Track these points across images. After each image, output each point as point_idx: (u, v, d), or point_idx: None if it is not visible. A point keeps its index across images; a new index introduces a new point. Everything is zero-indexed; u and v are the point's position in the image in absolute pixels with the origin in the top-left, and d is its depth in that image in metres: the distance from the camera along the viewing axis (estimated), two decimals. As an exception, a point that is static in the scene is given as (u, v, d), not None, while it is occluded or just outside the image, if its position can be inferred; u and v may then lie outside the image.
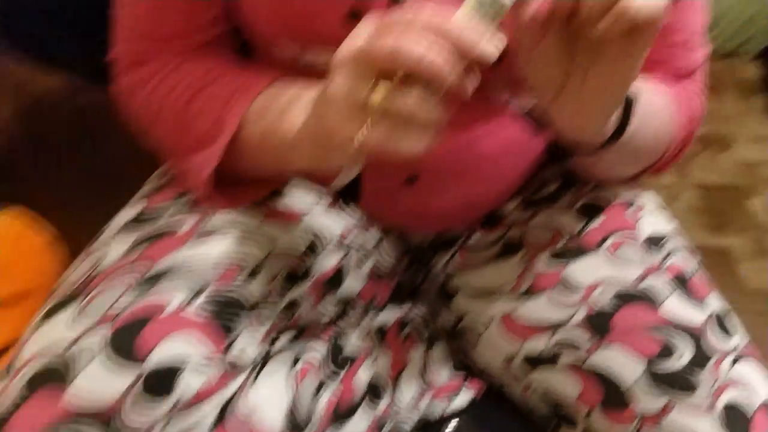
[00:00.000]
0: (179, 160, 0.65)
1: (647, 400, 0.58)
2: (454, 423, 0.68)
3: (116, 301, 0.54)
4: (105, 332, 0.52)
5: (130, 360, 0.51)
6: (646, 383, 0.59)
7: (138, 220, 0.64)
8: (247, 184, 0.64)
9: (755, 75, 2.60)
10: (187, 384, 0.52)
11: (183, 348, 0.53)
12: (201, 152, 0.61)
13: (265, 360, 0.60)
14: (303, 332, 0.65)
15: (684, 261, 0.67)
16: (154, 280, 0.56)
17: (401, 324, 0.73)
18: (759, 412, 0.57)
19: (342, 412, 0.63)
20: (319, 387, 0.62)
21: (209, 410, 0.53)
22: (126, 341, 0.52)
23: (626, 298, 0.63)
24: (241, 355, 0.56)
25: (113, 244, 0.61)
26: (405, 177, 0.67)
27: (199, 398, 0.52)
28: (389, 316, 0.73)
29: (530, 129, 0.68)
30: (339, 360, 0.66)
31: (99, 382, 0.50)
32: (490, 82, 0.64)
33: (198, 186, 0.61)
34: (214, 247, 0.60)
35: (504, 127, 0.66)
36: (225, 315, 0.56)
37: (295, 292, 0.64)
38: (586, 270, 0.66)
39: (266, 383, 0.58)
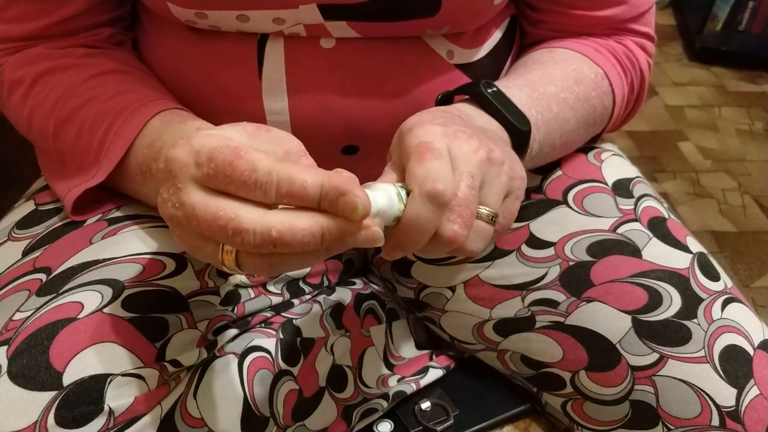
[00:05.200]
0: (47, 173, 0.59)
1: (638, 357, 0.53)
2: (428, 403, 0.63)
3: (17, 310, 0.46)
4: (3, 348, 0.44)
5: (41, 379, 0.43)
6: (634, 339, 0.53)
7: (28, 222, 0.56)
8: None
9: (669, 23, 2.64)
10: (115, 403, 0.45)
11: (103, 362, 0.45)
12: (68, 180, 0.54)
13: (209, 361, 0.53)
14: (248, 326, 0.58)
15: (655, 205, 0.62)
16: (59, 283, 0.47)
17: (357, 303, 0.66)
18: (757, 352, 0.53)
19: (305, 403, 0.58)
20: (276, 380, 0.56)
21: (149, 422, 0.47)
22: (34, 357, 0.44)
23: (602, 248, 0.57)
24: (176, 361, 0.49)
25: (2, 250, 0.53)
26: (341, 147, 0.59)
27: (133, 413, 0.46)
28: (343, 295, 0.66)
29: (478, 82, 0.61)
30: (291, 353, 0.59)
31: (5, 407, 0.43)
32: (429, 33, 0.57)
33: (66, 203, 0.54)
34: (128, 242, 0.52)
35: (450, 83, 0.59)
36: (151, 318, 0.48)
37: (232, 281, 0.56)
38: (553, 224, 0.60)
39: (213, 385, 0.52)
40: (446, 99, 0.54)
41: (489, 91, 0.51)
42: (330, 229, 0.35)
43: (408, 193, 0.40)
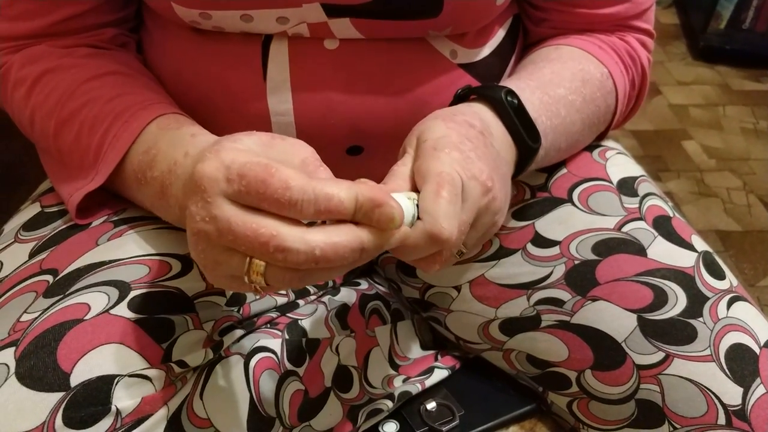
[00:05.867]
0: (51, 175, 0.59)
1: (643, 356, 0.53)
2: (433, 403, 0.63)
3: (24, 311, 0.46)
4: (11, 349, 0.44)
5: (48, 380, 0.44)
6: (639, 338, 0.53)
7: (34, 224, 0.56)
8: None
9: (673, 22, 2.63)
10: (122, 404, 0.45)
11: (110, 362, 0.45)
12: (70, 182, 0.54)
13: (215, 362, 0.53)
14: (254, 326, 0.59)
15: (660, 204, 0.62)
16: (66, 285, 0.48)
17: (362, 303, 0.66)
18: (763, 351, 0.52)
19: (311, 403, 0.58)
20: (282, 380, 0.56)
21: (156, 422, 0.47)
22: (41, 358, 0.44)
23: (607, 247, 0.57)
24: (182, 361, 0.49)
25: (9, 252, 0.54)
26: (346, 147, 0.59)
27: (140, 414, 0.46)
28: (347, 296, 0.66)
29: (482, 81, 0.61)
30: (296, 353, 0.59)
31: (13, 408, 0.43)
32: (431, 34, 0.57)
33: (69, 207, 0.54)
34: (133, 243, 0.53)
35: (453, 83, 0.59)
36: (157, 319, 0.48)
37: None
38: (558, 223, 0.60)
39: (219, 385, 0.53)
40: (465, 92, 0.54)
41: (509, 99, 0.52)
42: (369, 242, 0.37)
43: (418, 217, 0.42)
